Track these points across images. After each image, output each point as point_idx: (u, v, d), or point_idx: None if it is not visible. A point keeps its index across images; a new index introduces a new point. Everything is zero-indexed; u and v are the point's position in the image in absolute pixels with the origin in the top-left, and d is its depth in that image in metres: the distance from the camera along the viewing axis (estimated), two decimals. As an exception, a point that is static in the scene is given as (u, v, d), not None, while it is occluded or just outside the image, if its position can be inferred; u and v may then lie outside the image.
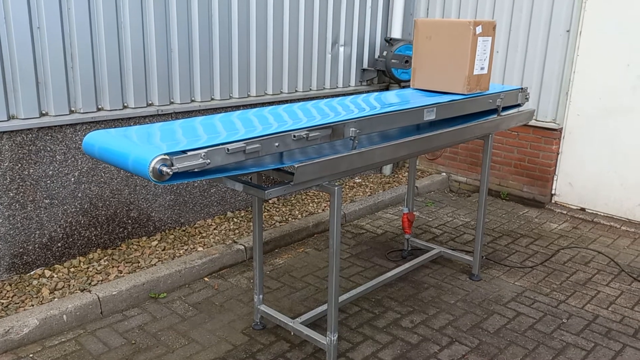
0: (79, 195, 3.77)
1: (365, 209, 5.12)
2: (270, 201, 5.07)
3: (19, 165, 3.45)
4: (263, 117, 2.69)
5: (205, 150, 2.08)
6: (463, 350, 3.10)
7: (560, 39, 5.05)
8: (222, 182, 2.62)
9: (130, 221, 4.09)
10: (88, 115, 3.71)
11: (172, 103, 4.20)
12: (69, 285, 3.48)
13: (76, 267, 3.72)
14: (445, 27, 3.31)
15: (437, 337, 3.21)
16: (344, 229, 4.81)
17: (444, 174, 6.12)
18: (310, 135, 2.43)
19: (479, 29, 3.19)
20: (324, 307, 3.23)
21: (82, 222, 3.82)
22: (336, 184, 2.61)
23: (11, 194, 3.45)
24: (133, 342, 3.10)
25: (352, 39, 5.54)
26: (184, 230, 4.38)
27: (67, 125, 3.63)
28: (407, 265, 3.89)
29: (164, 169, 1.94)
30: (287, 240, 4.42)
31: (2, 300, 3.27)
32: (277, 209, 4.92)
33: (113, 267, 3.73)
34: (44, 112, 3.55)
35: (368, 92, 5.73)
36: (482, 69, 3.33)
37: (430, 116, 3.06)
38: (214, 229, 4.45)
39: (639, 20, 4.66)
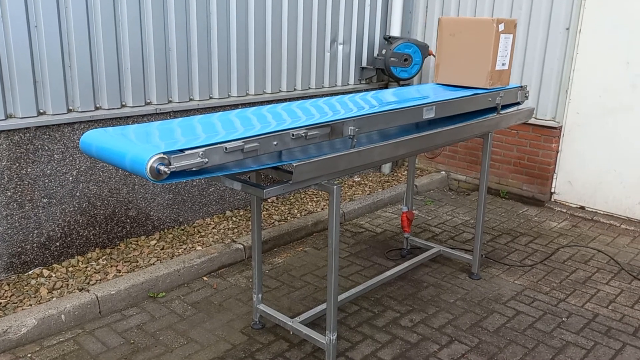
0: (77, 194, 3.76)
1: (364, 208, 5.11)
2: (269, 200, 5.06)
3: (17, 164, 3.44)
4: (261, 116, 2.68)
5: (203, 149, 2.07)
6: (463, 350, 3.09)
7: (559, 37, 5.04)
8: (221, 181, 2.61)
9: (128, 220, 4.08)
10: (86, 114, 3.70)
11: (170, 102, 4.19)
12: (68, 285, 3.47)
13: (74, 266, 3.71)
14: (469, 24, 3.44)
15: (437, 336, 3.21)
16: (343, 227, 4.80)
17: (444, 172, 6.11)
18: (308, 133, 2.42)
19: (501, 27, 3.31)
20: (323, 306, 3.22)
21: (81, 221, 3.81)
22: (335, 182, 2.60)
23: (9, 193, 3.44)
24: (132, 341, 3.09)
25: (351, 37, 5.53)
26: (183, 230, 4.37)
27: (65, 124, 3.61)
28: (406, 264, 3.88)
29: (162, 167, 1.93)
30: (286, 239, 4.41)
31: (0, 300, 3.26)
32: (276, 208, 4.91)
33: (111, 266, 3.72)
34: (41, 111, 3.54)
35: (367, 90, 5.72)
36: (503, 64, 3.46)
37: (429, 114, 3.05)
38: (213, 228, 4.44)
39: (638, 18, 4.65)
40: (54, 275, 3.58)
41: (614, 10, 4.77)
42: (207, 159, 2.08)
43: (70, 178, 3.71)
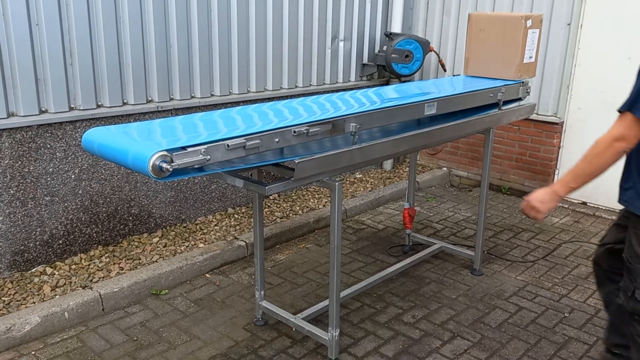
0: (80, 192, 3.76)
1: (366, 205, 5.11)
2: (270, 197, 5.06)
3: (19, 162, 3.45)
4: (263, 113, 2.68)
5: (205, 146, 2.07)
6: (465, 345, 3.09)
7: (561, 32, 5.03)
8: (223, 179, 2.62)
9: (131, 218, 4.08)
10: (88, 112, 3.70)
11: (171, 99, 4.19)
12: (71, 283, 3.48)
13: (77, 264, 3.72)
14: (498, 20, 3.61)
15: (439, 332, 3.21)
16: (344, 224, 4.80)
17: (445, 168, 6.11)
18: (310, 130, 2.42)
19: (529, 22, 3.46)
20: (326, 302, 3.22)
21: (83, 219, 3.82)
22: (337, 179, 2.60)
23: (11, 192, 3.45)
24: (135, 338, 3.10)
25: (352, 34, 5.52)
26: (185, 227, 4.38)
27: (66, 122, 3.62)
28: (408, 260, 3.88)
29: (164, 165, 1.93)
30: (288, 236, 4.42)
31: (3, 298, 3.27)
32: (278, 205, 4.92)
33: (114, 264, 3.73)
34: (43, 109, 3.54)
35: (368, 87, 5.71)
36: (530, 57, 3.60)
37: (430, 111, 3.05)
38: (215, 225, 4.45)
39: (640, 13, 4.64)
40: (57, 273, 3.59)
41: (616, 6, 4.75)
42: (209, 156, 2.08)
43: (73, 176, 3.71)
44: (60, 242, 3.73)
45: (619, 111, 2.15)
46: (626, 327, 2.42)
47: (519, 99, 3.79)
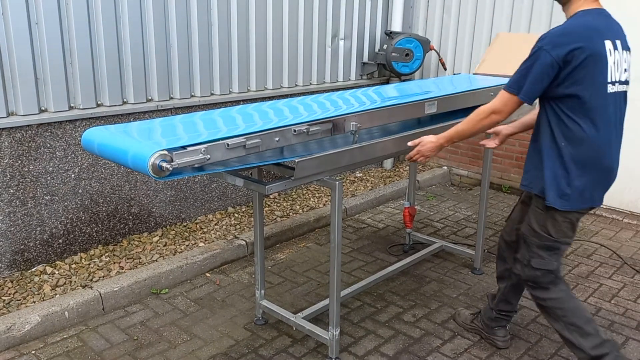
0: (80, 191, 3.76)
1: (366, 204, 5.11)
2: (271, 196, 5.06)
3: (19, 162, 3.45)
4: (263, 112, 2.68)
5: (205, 145, 2.07)
6: (465, 344, 3.09)
7: (561, 31, 5.02)
8: (223, 178, 2.61)
9: (131, 217, 4.08)
10: (87, 112, 3.70)
11: (171, 98, 4.19)
12: (71, 282, 3.47)
13: (77, 263, 3.72)
14: (525, 38, 3.83)
15: (440, 331, 3.21)
16: (345, 223, 4.80)
17: (445, 167, 6.10)
18: (310, 129, 2.42)
19: None
20: (326, 301, 3.22)
21: (83, 218, 3.81)
22: (337, 178, 2.60)
23: (11, 191, 3.44)
24: (135, 338, 3.10)
25: (352, 33, 5.51)
26: (185, 226, 4.37)
27: (66, 121, 3.61)
28: (408, 259, 3.88)
29: (164, 164, 1.93)
30: (289, 235, 4.41)
31: (3, 297, 3.27)
32: (278, 204, 4.92)
33: (114, 263, 3.73)
34: (43, 108, 3.54)
35: (368, 86, 5.71)
36: None
37: (431, 109, 3.04)
38: (215, 224, 4.45)
39: (638, 14, 4.63)
40: (57, 272, 3.59)
41: (616, 5, 4.74)
42: (209, 156, 2.08)
43: (73, 175, 3.71)
44: (60, 241, 3.73)
45: (505, 89, 2.46)
46: (514, 299, 2.97)
47: (520, 98, 3.79)
